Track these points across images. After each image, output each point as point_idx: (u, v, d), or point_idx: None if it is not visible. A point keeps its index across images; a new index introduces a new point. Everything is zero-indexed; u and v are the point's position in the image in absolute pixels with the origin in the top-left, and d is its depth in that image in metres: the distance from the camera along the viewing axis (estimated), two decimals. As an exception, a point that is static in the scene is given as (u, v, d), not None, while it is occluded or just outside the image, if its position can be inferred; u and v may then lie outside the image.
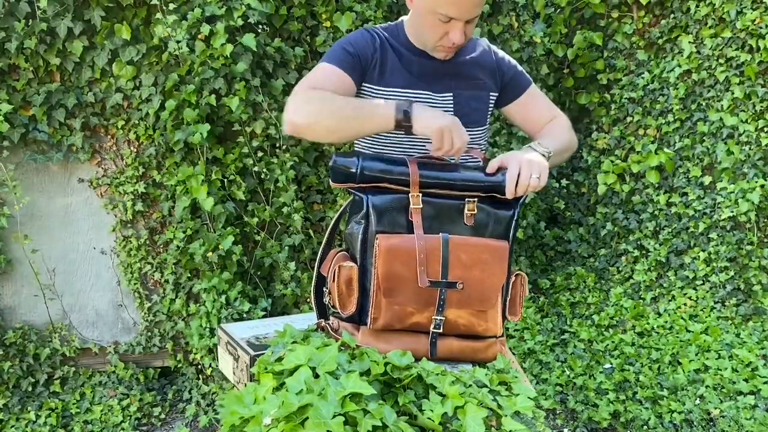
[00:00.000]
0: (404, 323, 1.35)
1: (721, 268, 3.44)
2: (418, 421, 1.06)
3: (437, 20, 1.50)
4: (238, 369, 1.71)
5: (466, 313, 1.37)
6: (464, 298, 1.35)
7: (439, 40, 1.55)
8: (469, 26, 1.53)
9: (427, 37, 1.57)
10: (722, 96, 3.46)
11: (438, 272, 1.32)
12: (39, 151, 3.14)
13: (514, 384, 1.26)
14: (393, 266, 1.32)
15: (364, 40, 1.60)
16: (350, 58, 1.55)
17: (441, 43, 1.55)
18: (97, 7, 2.94)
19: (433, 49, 1.59)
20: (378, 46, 1.60)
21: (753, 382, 2.91)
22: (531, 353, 3.43)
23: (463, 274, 1.34)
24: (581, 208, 4.08)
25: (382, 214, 1.36)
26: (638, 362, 3.18)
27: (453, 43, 1.53)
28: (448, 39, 1.53)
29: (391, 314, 1.34)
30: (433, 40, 1.56)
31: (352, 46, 1.57)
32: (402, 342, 1.35)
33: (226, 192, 3.17)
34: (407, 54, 1.62)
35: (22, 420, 3.07)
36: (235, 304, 3.06)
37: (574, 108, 4.03)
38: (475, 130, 1.67)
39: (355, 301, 1.36)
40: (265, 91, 3.13)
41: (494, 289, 1.38)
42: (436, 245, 1.33)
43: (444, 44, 1.55)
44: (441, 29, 1.52)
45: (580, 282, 3.84)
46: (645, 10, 3.72)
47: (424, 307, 1.34)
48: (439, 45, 1.56)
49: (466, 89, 1.65)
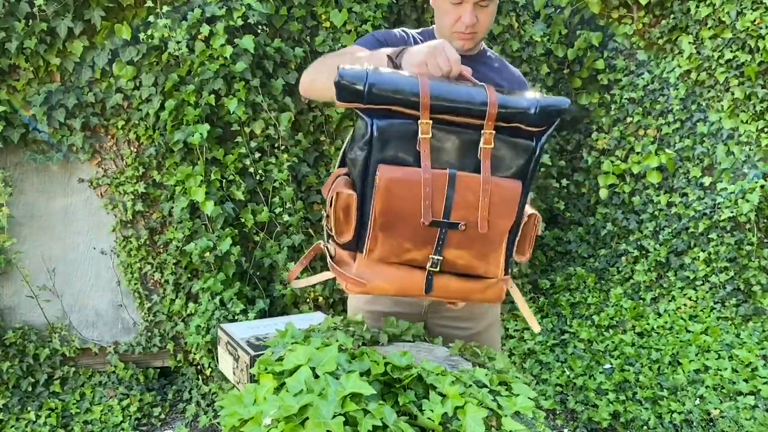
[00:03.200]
0: (401, 258, 1.28)
1: (721, 269, 3.45)
2: (418, 421, 1.06)
3: (449, 4, 1.55)
4: (238, 369, 1.71)
5: (467, 254, 1.28)
6: (466, 239, 1.26)
7: (453, 24, 1.58)
8: (483, 12, 1.56)
9: (444, 26, 1.60)
10: (722, 96, 3.46)
11: (440, 211, 1.22)
12: (39, 151, 3.14)
13: (514, 384, 1.26)
14: (392, 201, 1.21)
15: (397, 35, 1.65)
16: (378, 43, 1.59)
17: (455, 28, 1.58)
18: (97, 7, 2.94)
19: (450, 37, 1.61)
20: (408, 40, 1.64)
21: (753, 382, 2.91)
22: (531, 353, 3.43)
23: (468, 215, 1.23)
24: (581, 209, 4.08)
25: (387, 142, 1.22)
26: (638, 362, 3.18)
27: (466, 26, 1.55)
28: (461, 23, 1.56)
29: (387, 248, 1.26)
30: (448, 26, 1.59)
31: (382, 36, 1.62)
32: (397, 275, 1.28)
33: (225, 192, 3.17)
34: None
35: (22, 420, 3.07)
36: (229, 306, 3.05)
37: (574, 108, 4.03)
38: None
39: (351, 230, 1.27)
40: (264, 92, 3.13)
41: (500, 233, 1.28)
42: (442, 181, 1.21)
43: (458, 29, 1.58)
44: (454, 13, 1.56)
45: (580, 282, 3.84)
46: (645, 10, 3.72)
47: (422, 245, 1.26)
48: (454, 32, 1.59)
49: None
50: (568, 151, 4.11)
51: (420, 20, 3.42)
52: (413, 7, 3.40)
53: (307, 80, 1.54)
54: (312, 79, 1.51)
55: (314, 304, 3.38)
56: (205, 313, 3.04)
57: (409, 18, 3.42)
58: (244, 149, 3.15)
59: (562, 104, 1.26)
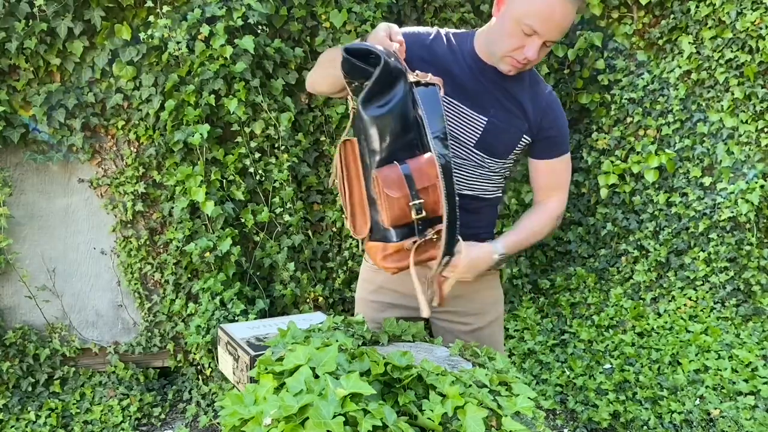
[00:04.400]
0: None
1: (720, 269, 3.45)
2: (418, 422, 1.06)
3: (520, 30, 1.47)
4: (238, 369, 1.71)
5: None
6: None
7: (512, 50, 1.51)
8: (544, 51, 1.51)
9: (501, 45, 1.53)
10: (722, 96, 3.46)
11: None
12: (39, 151, 3.14)
13: (514, 384, 1.26)
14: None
15: (423, 30, 1.63)
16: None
17: (513, 54, 1.51)
18: (97, 8, 2.94)
19: (501, 58, 1.55)
20: (432, 38, 1.61)
21: (753, 382, 2.91)
22: (531, 353, 3.43)
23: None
24: (581, 209, 4.08)
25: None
26: (638, 362, 3.18)
27: (525, 58, 1.50)
28: (522, 52, 1.49)
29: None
30: (507, 48, 1.52)
31: (407, 34, 1.60)
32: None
33: (225, 192, 3.17)
34: (463, 61, 1.61)
35: (22, 420, 3.07)
36: (229, 306, 3.05)
37: (574, 108, 4.03)
38: (493, 160, 1.65)
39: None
40: (264, 92, 3.13)
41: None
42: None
43: (515, 56, 1.51)
44: (519, 40, 1.49)
45: (580, 282, 3.84)
46: (645, 10, 3.72)
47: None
48: (509, 56, 1.52)
49: (502, 121, 1.61)
50: (568, 151, 4.11)
51: (420, 20, 3.42)
52: (413, 7, 3.40)
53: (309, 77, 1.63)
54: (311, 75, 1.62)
55: (314, 304, 3.38)
56: (205, 314, 3.04)
57: (409, 18, 3.42)
58: (244, 149, 3.15)
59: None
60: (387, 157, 1.34)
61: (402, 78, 1.36)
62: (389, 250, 1.36)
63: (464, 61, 1.61)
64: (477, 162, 1.64)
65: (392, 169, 1.33)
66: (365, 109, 1.32)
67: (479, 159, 1.64)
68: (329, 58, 1.53)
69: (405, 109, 1.35)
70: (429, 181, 1.33)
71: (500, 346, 1.89)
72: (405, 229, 1.36)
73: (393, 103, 1.33)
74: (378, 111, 1.32)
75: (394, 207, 1.31)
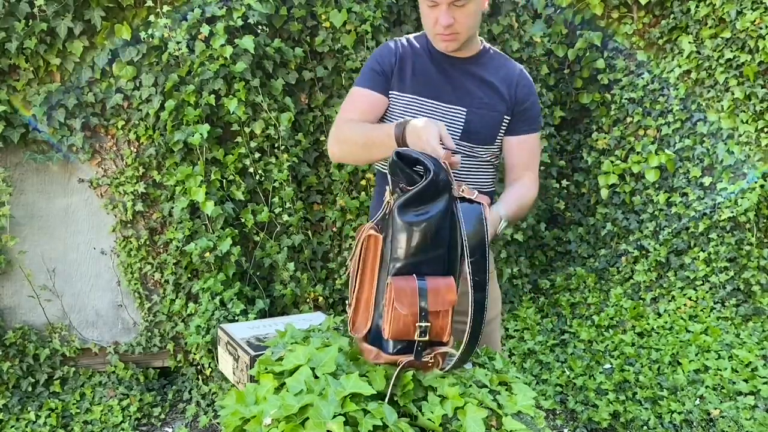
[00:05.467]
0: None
1: (720, 269, 3.45)
2: (418, 422, 1.06)
3: (426, 7, 1.58)
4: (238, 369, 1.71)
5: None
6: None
7: (433, 27, 1.61)
8: (460, 11, 1.56)
9: (426, 28, 1.65)
10: (722, 96, 3.46)
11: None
12: (39, 151, 3.14)
13: (514, 384, 1.26)
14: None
15: (388, 52, 1.71)
16: (376, 75, 1.69)
17: (435, 30, 1.60)
18: (97, 8, 2.94)
19: (434, 39, 1.65)
20: (399, 55, 1.70)
21: (753, 382, 2.91)
22: (531, 354, 3.43)
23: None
24: (581, 209, 4.08)
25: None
26: (638, 362, 3.18)
27: (443, 27, 1.57)
28: (439, 25, 1.57)
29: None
30: (429, 28, 1.63)
31: (378, 63, 1.70)
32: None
33: (225, 192, 3.17)
34: (426, 59, 1.70)
35: (22, 420, 3.07)
36: (229, 306, 3.05)
37: (574, 108, 4.03)
38: (482, 147, 1.70)
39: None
40: (264, 92, 3.13)
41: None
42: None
43: (438, 31, 1.60)
44: (432, 16, 1.59)
45: (580, 282, 3.84)
46: (645, 10, 3.72)
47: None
48: (436, 34, 1.61)
49: (481, 107, 1.68)
50: (568, 151, 4.11)
51: (420, 20, 3.41)
52: (413, 8, 3.39)
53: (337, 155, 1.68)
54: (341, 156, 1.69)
55: (314, 304, 3.38)
56: (205, 313, 3.04)
57: (409, 18, 3.42)
58: (244, 149, 3.15)
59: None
60: (409, 267, 1.21)
61: (447, 192, 1.25)
62: (381, 359, 1.28)
63: (430, 60, 1.70)
64: (466, 153, 1.68)
65: (408, 282, 1.20)
66: (400, 214, 1.21)
67: (468, 149, 1.69)
68: (366, 141, 1.56)
69: (442, 223, 1.23)
70: (443, 306, 1.20)
71: (498, 345, 1.90)
72: (404, 344, 1.23)
73: (431, 215, 1.21)
74: (414, 218, 1.20)
75: (399, 322, 1.17)
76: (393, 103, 1.71)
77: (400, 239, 1.20)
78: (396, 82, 1.70)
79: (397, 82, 1.70)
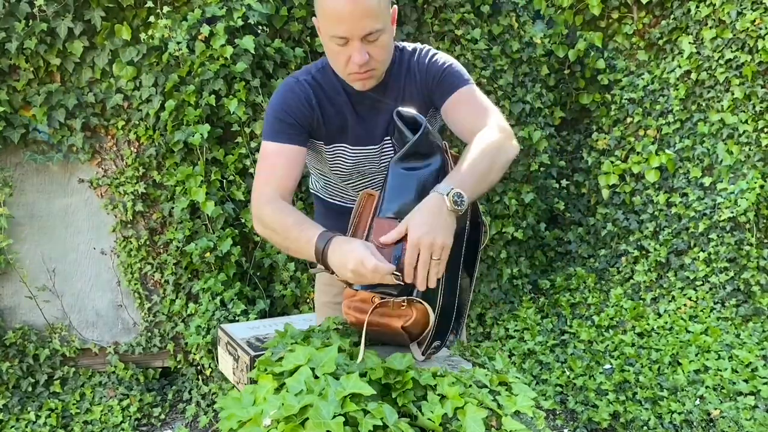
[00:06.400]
0: None
1: (720, 269, 3.45)
2: (418, 422, 1.06)
3: (335, 45, 1.37)
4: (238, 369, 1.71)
5: None
6: None
7: (346, 66, 1.41)
8: (374, 46, 1.38)
9: (338, 67, 1.45)
10: (722, 96, 3.46)
11: None
12: (39, 151, 3.14)
13: (514, 384, 1.26)
14: None
15: (298, 102, 1.50)
16: (288, 128, 1.49)
17: (349, 69, 1.41)
18: (97, 8, 2.95)
19: (348, 80, 1.46)
20: (314, 105, 1.51)
21: (753, 382, 2.91)
22: (531, 354, 3.43)
23: None
24: (581, 209, 4.09)
25: None
26: (638, 363, 3.18)
27: (358, 66, 1.38)
28: (353, 63, 1.38)
29: None
30: (341, 68, 1.43)
31: (286, 114, 1.49)
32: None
33: (225, 192, 3.17)
34: (341, 100, 1.53)
35: (22, 420, 3.07)
36: (229, 306, 3.05)
37: (574, 108, 4.03)
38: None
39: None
40: (264, 92, 3.13)
41: None
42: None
43: (352, 70, 1.41)
44: (343, 54, 1.38)
45: (580, 282, 3.84)
46: (645, 10, 3.72)
47: None
48: (349, 74, 1.43)
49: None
50: (568, 151, 4.11)
51: (420, 20, 3.42)
52: (413, 8, 3.39)
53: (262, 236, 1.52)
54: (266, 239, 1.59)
55: (314, 304, 3.37)
56: (205, 314, 3.04)
57: (409, 19, 3.42)
58: (244, 149, 3.15)
59: None
60: (395, 214, 1.28)
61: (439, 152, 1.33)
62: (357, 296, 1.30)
63: (337, 97, 1.53)
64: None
65: (391, 224, 1.26)
66: (395, 164, 1.31)
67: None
68: (286, 238, 1.38)
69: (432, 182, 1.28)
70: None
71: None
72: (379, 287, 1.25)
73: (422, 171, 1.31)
74: (406, 170, 1.30)
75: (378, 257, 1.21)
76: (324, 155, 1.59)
77: (390, 187, 1.30)
78: (324, 134, 1.55)
79: (325, 134, 1.55)
